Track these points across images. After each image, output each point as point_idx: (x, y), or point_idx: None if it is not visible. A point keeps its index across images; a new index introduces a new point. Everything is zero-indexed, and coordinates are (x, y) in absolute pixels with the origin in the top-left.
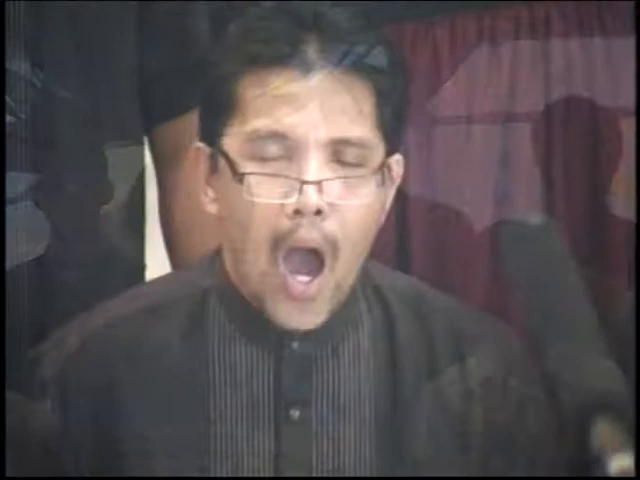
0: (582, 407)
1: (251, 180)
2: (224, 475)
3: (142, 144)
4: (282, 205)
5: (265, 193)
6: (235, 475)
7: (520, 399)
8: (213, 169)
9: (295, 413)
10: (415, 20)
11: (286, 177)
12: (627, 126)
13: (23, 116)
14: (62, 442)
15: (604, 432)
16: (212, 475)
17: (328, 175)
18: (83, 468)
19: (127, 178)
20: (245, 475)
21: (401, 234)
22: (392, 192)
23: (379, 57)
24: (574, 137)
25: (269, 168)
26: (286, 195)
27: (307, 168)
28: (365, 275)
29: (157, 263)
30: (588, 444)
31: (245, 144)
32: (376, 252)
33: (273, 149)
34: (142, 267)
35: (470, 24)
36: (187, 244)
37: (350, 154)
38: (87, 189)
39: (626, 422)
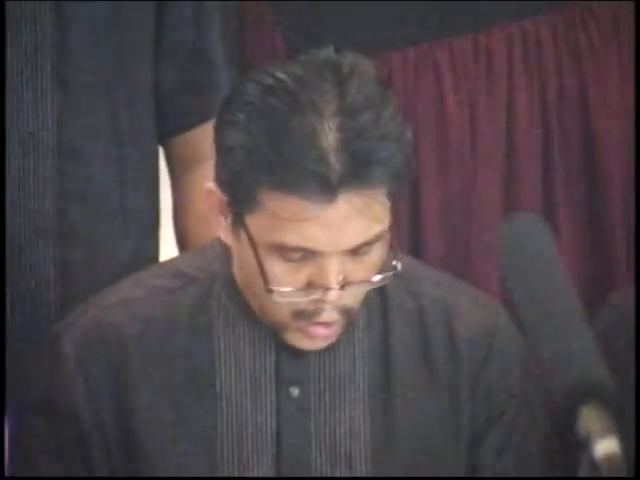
0: (570, 394)
1: (275, 270)
2: (229, 446)
3: (157, 153)
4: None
5: (290, 294)
6: (240, 447)
7: (504, 359)
8: (230, 222)
9: (294, 390)
10: (417, 44)
11: (312, 284)
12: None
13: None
14: (84, 411)
15: (591, 418)
16: (218, 445)
17: (349, 268)
18: (105, 435)
19: (144, 184)
20: (249, 447)
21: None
22: None
23: (396, 158)
24: (569, 145)
25: (292, 267)
26: (310, 293)
27: (330, 272)
28: None
29: None
30: (575, 429)
31: (268, 238)
32: None
33: (296, 255)
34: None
35: (467, 44)
36: (197, 244)
37: (366, 248)
38: (109, 194)
39: (612, 409)
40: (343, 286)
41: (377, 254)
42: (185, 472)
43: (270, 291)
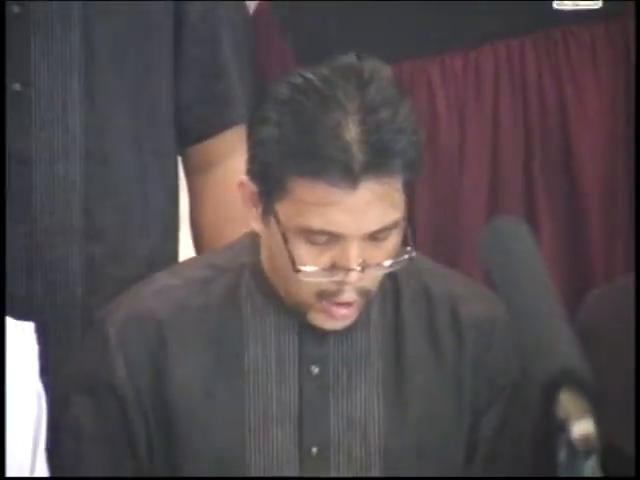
0: (550, 380)
1: (302, 252)
2: (256, 419)
3: (177, 160)
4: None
5: (315, 274)
6: (265, 419)
7: (505, 345)
8: (261, 211)
9: (315, 369)
10: (412, 59)
11: (335, 266)
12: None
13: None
14: (125, 388)
15: (568, 402)
16: (246, 418)
17: (368, 252)
18: (143, 409)
19: (164, 187)
20: (273, 419)
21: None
22: None
23: (411, 149)
24: (549, 154)
25: (316, 249)
26: (333, 274)
27: (351, 256)
28: None
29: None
30: (554, 412)
31: (295, 221)
32: None
33: (321, 238)
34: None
35: (457, 60)
36: (212, 245)
37: (385, 234)
38: (132, 196)
39: (587, 393)
40: (363, 269)
41: (393, 240)
42: (216, 443)
43: (297, 271)
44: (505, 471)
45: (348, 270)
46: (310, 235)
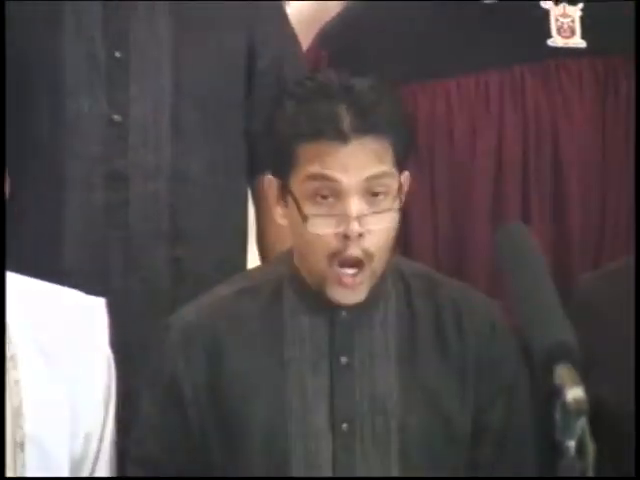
0: (547, 354)
1: (311, 217)
2: (295, 402)
3: (246, 185)
4: (335, 232)
5: (322, 224)
6: (302, 402)
7: (505, 343)
8: (281, 196)
9: (343, 359)
10: (434, 79)
11: (336, 215)
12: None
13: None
14: (185, 383)
15: (563, 372)
16: (287, 402)
17: (365, 208)
18: (199, 401)
19: (235, 205)
20: (309, 402)
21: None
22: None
23: (394, 117)
24: (542, 167)
25: (323, 208)
26: (337, 225)
27: (350, 206)
28: (391, 264)
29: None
30: (552, 381)
31: (303, 185)
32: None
33: (324, 191)
34: (245, 268)
35: (470, 81)
36: (275, 254)
37: (379, 185)
38: (210, 209)
39: (577, 366)
40: (361, 220)
41: (388, 205)
42: (262, 425)
43: (306, 219)
44: (513, 454)
45: (348, 221)
46: (315, 192)
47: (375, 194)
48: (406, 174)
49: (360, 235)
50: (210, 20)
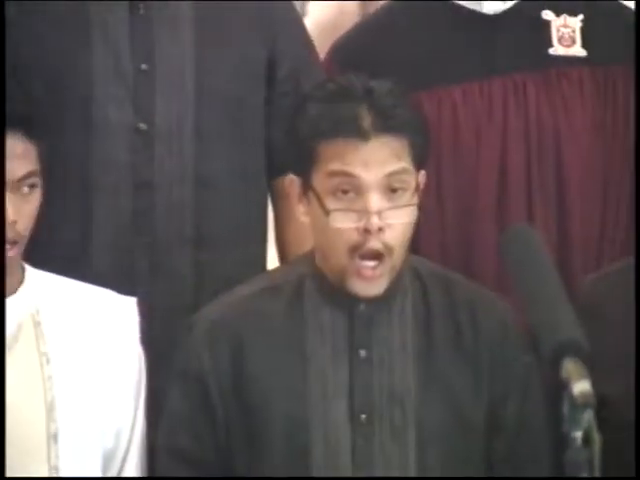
0: (556, 349)
1: (333, 212)
2: (315, 394)
3: (266, 187)
4: (355, 227)
5: (343, 218)
6: (323, 394)
7: (517, 342)
8: (303, 194)
9: (362, 352)
10: (441, 86)
11: (357, 210)
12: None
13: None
14: (210, 378)
15: (570, 366)
16: (308, 393)
17: (385, 203)
18: (223, 394)
19: (256, 208)
20: (330, 394)
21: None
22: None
23: (411, 118)
24: (544, 171)
25: (344, 202)
26: (358, 220)
27: (371, 201)
28: (408, 261)
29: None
30: (559, 374)
31: (325, 181)
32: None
33: (345, 187)
34: (265, 270)
35: (475, 88)
36: (294, 253)
37: (398, 181)
38: (233, 215)
39: (584, 361)
40: (381, 214)
41: (406, 200)
42: (284, 416)
43: (328, 213)
44: (526, 447)
45: (369, 216)
46: (337, 188)
47: (394, 190)
48: (422, 172)
49: (380, 229)
50: (230, 32)
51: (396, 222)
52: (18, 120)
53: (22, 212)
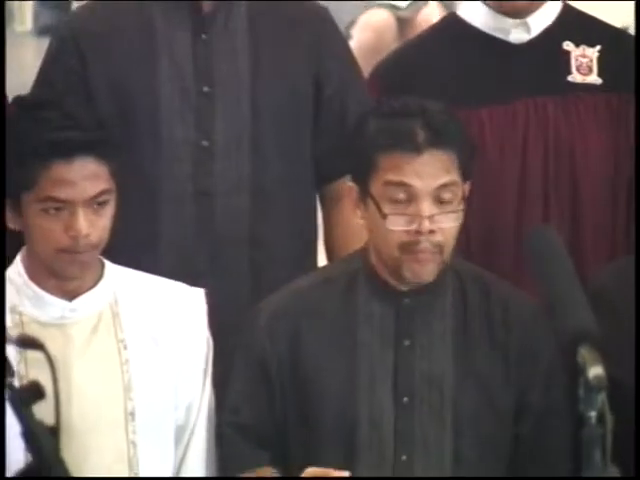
0: (573, 337)
1: (390, 216)
2: (365, 378)
3: (315, 193)
4: (408, 229)
5: (399, 222)
6: (371, 379)
7: (546, 335)
8: (360, 200)
9: (407, 341)
10: (469, 108)
11: (411, 215)
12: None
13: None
14: (270, 360)
15: (585, 353)
16: (358, 378)
17: (435, 209)
18: (282, 375)
19: (306, 212)
20: (377, 378)
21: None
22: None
23: (460, 135)
24: (560, 182)
25: (399, 208)
26: (411, 223)
27: (423, 207)
28: (451, 263)
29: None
30: (576, 360)
31: (382, 188)
32: None
33: (401, 195)
34: (315, 268)
35: (500, 110)
36: (340, 254)
37: (447, 192)
38: (285, 219)
39: (598, 347)
40: (432, 219)
41: (454, 207)
42: (335, 397)
43: (385, 216)
44: (551, 429)
45: (421, 220)
46: (393, 195)
47: (443, 200)
48: (468, 183)
49: (431, 232)
50: (282, 55)
51: (445, 226)
52: (90, 144)
53: (95, 225)
